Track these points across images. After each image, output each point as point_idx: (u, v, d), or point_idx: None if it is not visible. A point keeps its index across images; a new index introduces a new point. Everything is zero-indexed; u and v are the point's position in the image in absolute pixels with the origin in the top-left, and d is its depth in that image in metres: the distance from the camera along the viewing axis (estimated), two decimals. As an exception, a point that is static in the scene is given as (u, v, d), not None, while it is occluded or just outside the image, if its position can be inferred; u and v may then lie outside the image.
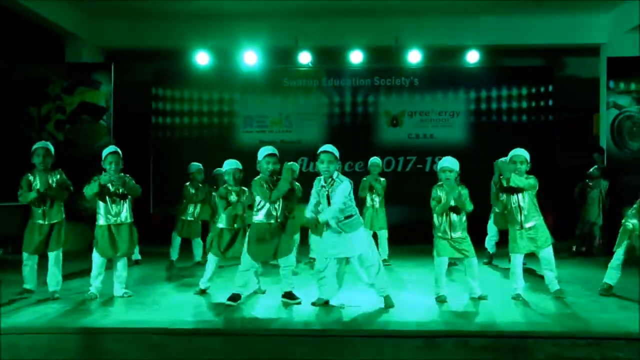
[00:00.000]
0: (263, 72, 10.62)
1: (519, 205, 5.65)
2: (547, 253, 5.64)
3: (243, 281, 5.56)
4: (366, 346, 4.43)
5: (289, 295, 5.52)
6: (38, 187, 5.69)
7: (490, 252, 7.94)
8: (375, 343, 4.46)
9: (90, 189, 5.50)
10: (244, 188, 5.88)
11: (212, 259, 5.91)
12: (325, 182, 5.19)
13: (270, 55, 10.32)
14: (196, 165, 7.94)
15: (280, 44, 10.15)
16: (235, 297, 5.49)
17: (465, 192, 5.55)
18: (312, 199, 5.31)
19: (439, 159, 8.77)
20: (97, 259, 5.68)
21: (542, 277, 5.92)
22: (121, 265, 5.79)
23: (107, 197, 5.63)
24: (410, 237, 8.04)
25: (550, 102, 10.56)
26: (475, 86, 10.77)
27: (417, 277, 6.92)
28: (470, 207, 5.52)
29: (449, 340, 4.39)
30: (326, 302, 5.40)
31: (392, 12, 9.60)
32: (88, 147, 9.59)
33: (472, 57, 10.08)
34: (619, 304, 5.48)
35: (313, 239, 7.83)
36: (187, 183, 7.89)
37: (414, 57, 10.01)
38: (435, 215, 5.70)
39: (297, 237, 7.63)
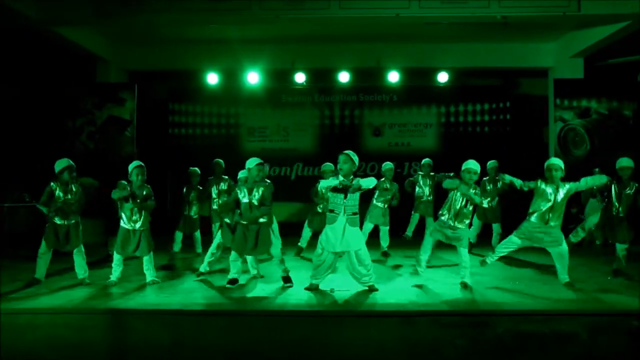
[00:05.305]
0: (264, 90, 10.56)
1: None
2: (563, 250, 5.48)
3: (236, 269, 5.59)
4: (353, 324, 4.42)
5: (284, 279, 5.56)
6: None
7: (471, 242, 7.55)
8: (361, 322, 4.45)
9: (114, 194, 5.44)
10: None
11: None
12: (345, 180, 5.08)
13: (270, 75, 10.30)
14: (194, 169, 7.62)
15: (278, 66, 10.12)
16: (233, 281, 5.53)
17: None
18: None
19: (416, 164, 8.86)
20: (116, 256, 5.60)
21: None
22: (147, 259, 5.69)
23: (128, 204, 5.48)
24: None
25: (508, 116, 10.61)
26: (445, 102, 10.79)
27: (398, 263, 6.89)
28: (478, 199, 5.46)
29: (423, 319, 4.40)
30: (317, 287, 5.36)
31: (375, 38, 9.61)
32: (115, 154, 9.56)
33: (442, 77, 10.12)
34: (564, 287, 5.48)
35: (306, 232, 7.76)
36: (185, 186, 7.54)
37: (393, 77, 10.03)
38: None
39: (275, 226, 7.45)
